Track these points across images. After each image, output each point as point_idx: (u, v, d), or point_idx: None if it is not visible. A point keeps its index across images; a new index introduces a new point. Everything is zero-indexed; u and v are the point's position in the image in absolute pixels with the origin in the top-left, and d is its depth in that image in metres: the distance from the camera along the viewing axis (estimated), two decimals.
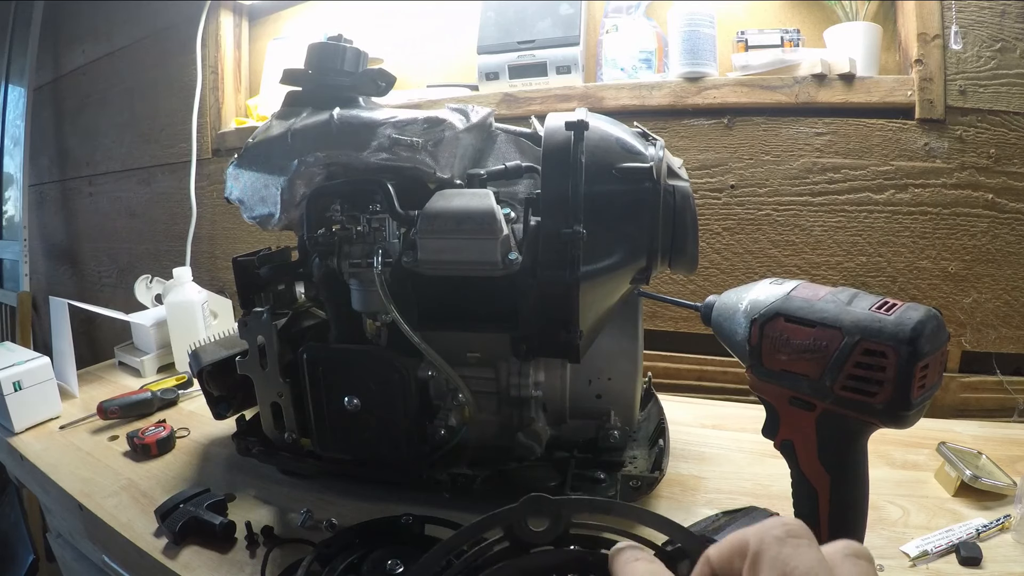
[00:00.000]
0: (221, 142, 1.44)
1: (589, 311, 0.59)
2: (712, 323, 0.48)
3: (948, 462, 0.65)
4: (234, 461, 0.77)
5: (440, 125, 0.61)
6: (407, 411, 0.63)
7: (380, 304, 0.58)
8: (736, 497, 0.65)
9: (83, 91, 1.81)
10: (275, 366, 0.67)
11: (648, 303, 0.92)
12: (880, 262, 0.93)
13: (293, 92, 0.68)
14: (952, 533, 0.56)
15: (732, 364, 0.99)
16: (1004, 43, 0.84)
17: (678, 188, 0.59)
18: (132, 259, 1.75)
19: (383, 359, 0.62)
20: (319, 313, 0.74)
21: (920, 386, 0.37)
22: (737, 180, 0.98)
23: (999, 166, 0.86)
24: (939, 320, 0.38)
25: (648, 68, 1.02)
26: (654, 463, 0.66)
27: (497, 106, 1.08)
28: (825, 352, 0.39)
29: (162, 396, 0.96)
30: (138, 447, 0.80)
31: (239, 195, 0.68)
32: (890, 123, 0.89)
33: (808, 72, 0.91)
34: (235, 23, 1.46)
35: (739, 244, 0.99)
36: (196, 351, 0.78)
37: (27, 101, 1.77)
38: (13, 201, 1.88)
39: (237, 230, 1.45)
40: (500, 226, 0.55)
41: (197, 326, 1.09)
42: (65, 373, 1.02)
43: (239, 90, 1.48)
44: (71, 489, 0.74)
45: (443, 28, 1.26)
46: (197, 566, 0.59)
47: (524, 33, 1.07)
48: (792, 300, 0.42)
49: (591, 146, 0.57)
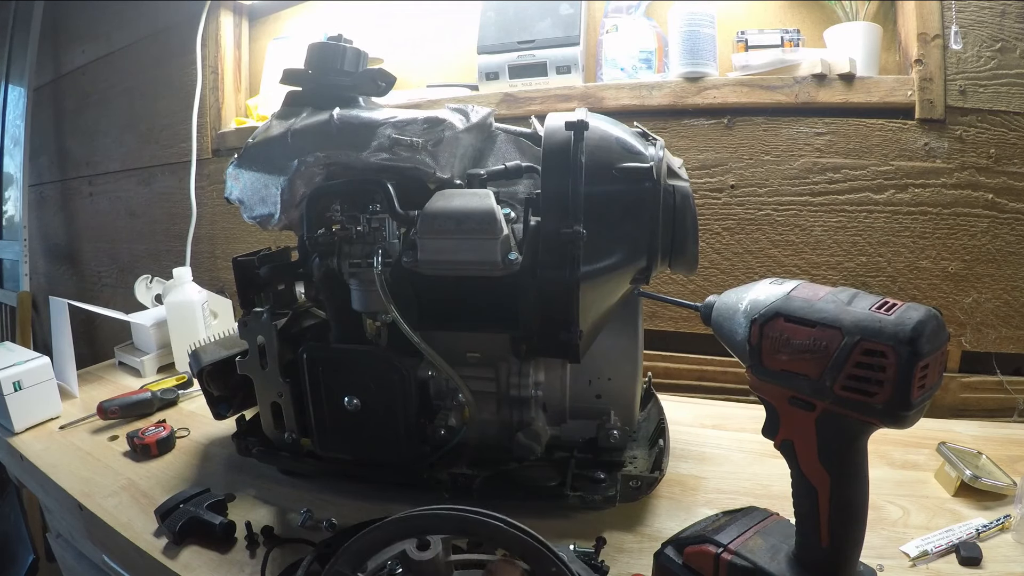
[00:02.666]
0: (221, 142, 1.44)
1: (589, 311, 0.59)
2: (712, 323, 0.48)
3: (948, 462, 0.65)
4: (234, 461, 0.77)
5: (440, 125, 0.61)
6: (407, 411, 0.63)
7: (380, 304, 0.58)
8: (736, 497, 0.65)
9: (83, 91, 1.81)
10: (275, 366, 0.67)
11: (648, 303, 0.92)
12: (880, 262, 0.93)
13: (293, 92, 0.68)
14: (952, 533, 0.56)
15: (732, 364, 0.99)
16: (1004, 43, 0.84)
17: (678, 188, 0.59)
18: (132, 259, 1.75)
19: (383, 359, 0.62)
20: (319, 313, 0.74)
21: (920, 386, 0.37)
22: (737, 180, 0.98)
23: (999, 166, 0.86)
24: (939, 320, 0.38)
25: (648, 68, 1.02)
26: (654, 463, 0.66)
27: (497, 106, 1.08)
28: (825, 352, 0.39)
29: (162, 396, 0.96)
30: (138, 447, 0.80)
31: (239, 195, 0.68)
32: (890, 123, 0.89)
33: (808, 72, 0.91)
34: (235, 23, 1.46)
35: (739, 244, 0.99)
36: (196, 351, 0.78)
37: (27, 101, 1.77)
38: (13, 201, 1.88)
39: (237, 230, 1.45)
40: (500, 226, 0.55)
41: (197, 326, 1.09)
42: (65, 373, 1.02)
43: (239, 90, 1.48)
44: (71, 489, 0.74)
45: (443, 28, 1.26)
46: (197, 566, 0.59)
47: (524, 33, 1.07)
48: (792, 300, 0.42)
49: (591, 146, 0.57)
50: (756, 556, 0.46)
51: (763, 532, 0.49)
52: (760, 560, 0.46)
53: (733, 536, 0.48)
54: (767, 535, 0.48)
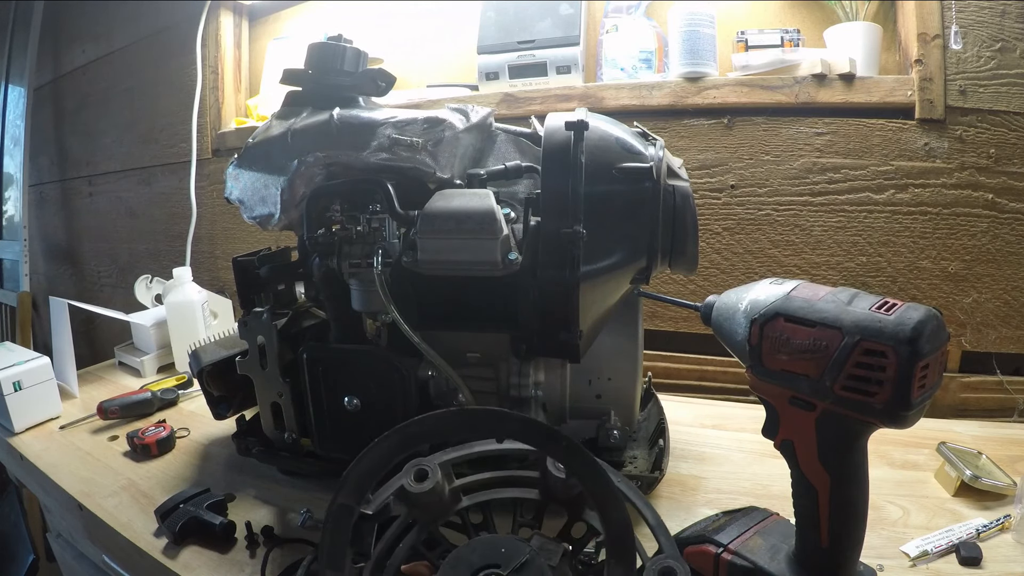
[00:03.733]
0: (221, 142, 1.44)
1: (589, 311, 0.59)
2: (712, 323, 0.48)
3: (948, 462, 0.65)
4: (234, 461, 0.77)
5: (440, 125, 0.61)
6: (407, 411, 0.63)
7: (380, 304, 0.58)
8: (736, 497, 0.65)
9: (83, 91, 1.81)
10: (275, 366, 0.67)
11: (648, 303, 0.92)
12: (880, 262, 0.93)
13: (293, 92, 0.68)
14: (952, 533, 0.56)
15: (732, 364, 0.99)
16: (1004, 43, 0.84)
17: (678, 188, 0.59)
18: (132, 259, 1.75)
19: (383, 359, 0.62)
20: (319, 313, 0.74)
21: (920, 386, 0.37)
22: (737, 180, 0.98)
23: (999, 166, 0.86)
24: (939, 320, 0.38)
25: (648, 68, 1.02)
26: (654, 463, 0.66)
27: (497, 106, 1.07)
28: (825, 352, 0.39)
29: (162, 396, 0.96)
30: (138, 447, 0.80)
31: (239, 195, 0.68)
32: (890, 123, 0.89)
33: (808, 72, 0.91)
34: (235, 23, 1.46)
35: (739, 244, 0.99)
36: (196, 351, 0.78)
37: (27, 101, 1.77)
38: (13, 201, 1.88)
39: (237, 230, 1.45)
40: (500, 226, 0.55)
41: (197, 326, 1.09)
42: (65, 373, 1.02)
43: (239, 90, 1.48)
44: (71, 489, 0.74)
45: (443, 28, 1.26)
46: (197, 566, 0.59)
47: (524, 33, 1.07)
48: (792, 300, 0.42)
49: (591, 146, 0.57)
50: (756, 556, 0.46)
51: (763, 532, 0.49)
52: (760, 560, 0.46)
53: (733, 536, 0.48)
54: (767, 535, 0.48)
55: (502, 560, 0.39)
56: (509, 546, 0.40)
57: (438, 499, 0.43)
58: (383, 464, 0.41)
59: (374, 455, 0.41)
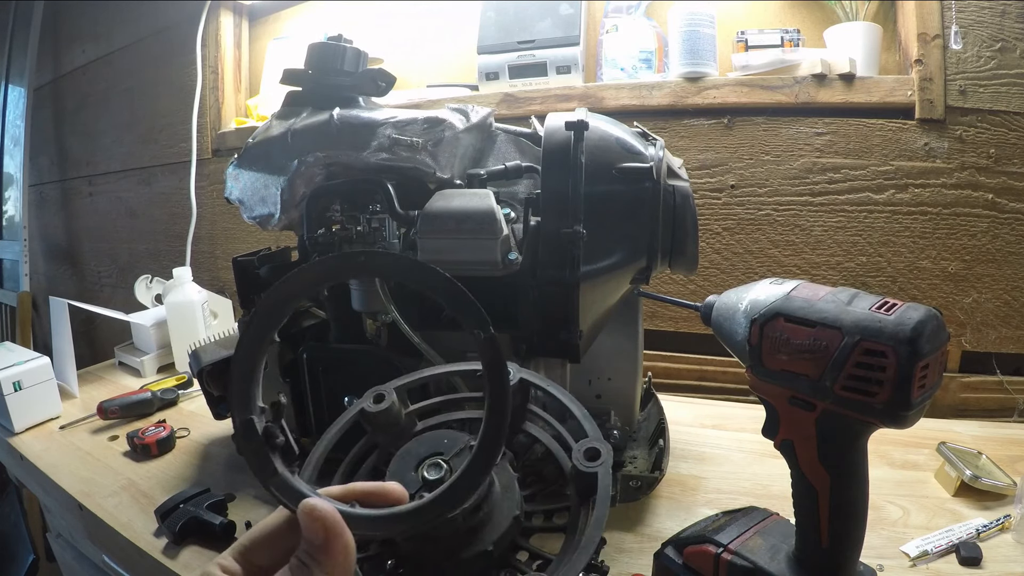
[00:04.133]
0: (221, 142, 1.44)
1: (589, 311, 0.59)
2: (712, 323, 0.48)
3: (948, 462, 0.65)
4: (234, 461, 0.77)
5: (440, 125, 0.61)
6: None
7: (380, 304, 0.58)
8: (736, 497, 0.65)
9: (83, 91, 1.81)
10: (275, 366, 0.67)
11: (648, 303, 0.92)
12: (880, 262, 0.93)
13: (293, 92, 0.68)
14: (952, 533, 0.56)
15: (732, 364, 0.99)
16: (1004, 43, 0.84)
17: (678, 188, 0.59)
18: (132, 259, 1.75)
19: (383, 359, 0.62)
20: (319, 313, 0.74)
21: (920, 386, 0.37)
22: (737, 180, 0.98)
23: (999, 166, 0.86)
24: (939, 320, 0.38)
25: (648, 68, 1.02)
26: (654, 463, 0.66)
27: (497, 106, 1.07)
28: (825, 352, 0.39)
29: (162, 396, 0.96)
30: (138, 447, 0.80)
31: (239, 195, 0.68)
32: (890, 123, 0.89)
33: (808, 72, 0.91)
34: (235, 23, 1.46)
35: (739, 244, 0.99)
36: (196, 351, 0.78)
37: (27, 101, 1.77)
38: (13, 201, 1.88)
39: (237, 230, 1.45)
40: (500, 226, 0.55)
41: (197, 326, 1.09)
42: (65, 373, 1.02)
43: (239, 90, 1.48)
44: (71, 489, 0.74)
45: (443, 28, 1.26)
46: (197, 566, 0.59)
47: (524, 33, 1.07)
48: (792, 300, 0.42)
49: (591, 146, 0.57)
50: (756, 556, 0.46)
51: (763, 532, 0.49)
52: (760, 560, 0.45)
53: (733, 536, 0.48)
54: (767, 535, 0.48)
55: (444, 448, 0.44)
56: (451, 437, 0.46)
57: (395, 421, 0.47)
58: (298, 290, 0.38)
59: (284, 288, 0.37)
